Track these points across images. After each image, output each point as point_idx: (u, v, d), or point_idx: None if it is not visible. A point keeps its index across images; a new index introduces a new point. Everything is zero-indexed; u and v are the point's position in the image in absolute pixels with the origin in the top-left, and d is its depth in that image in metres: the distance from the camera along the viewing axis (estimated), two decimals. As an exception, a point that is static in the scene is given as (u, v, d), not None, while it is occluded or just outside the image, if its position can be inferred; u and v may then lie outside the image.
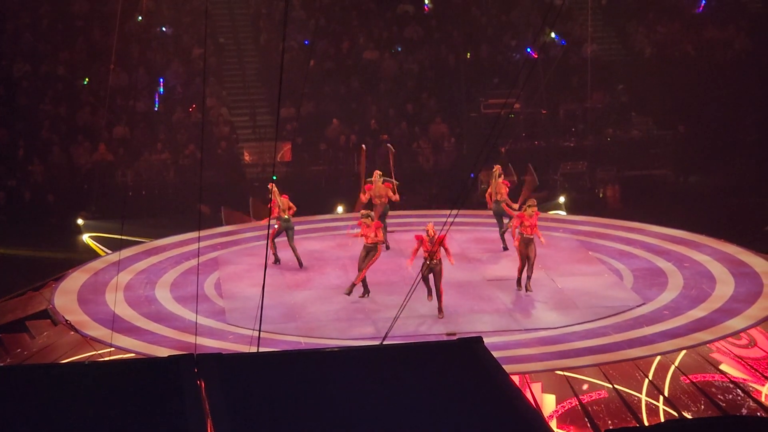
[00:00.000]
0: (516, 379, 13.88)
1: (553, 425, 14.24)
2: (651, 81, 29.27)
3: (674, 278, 18.87)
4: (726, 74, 29.66)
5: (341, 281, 18.52)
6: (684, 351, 15.66)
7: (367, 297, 17.76)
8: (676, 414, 14.33)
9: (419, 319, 16.79)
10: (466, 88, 29.67)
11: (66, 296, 18.31)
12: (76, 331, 16.64)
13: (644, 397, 14.72)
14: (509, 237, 19.54)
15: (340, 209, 23.89)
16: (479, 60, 30.35)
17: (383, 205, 19.96)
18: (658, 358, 15.43)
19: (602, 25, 31.59)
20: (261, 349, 12.83)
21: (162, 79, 28.77)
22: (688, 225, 21.86)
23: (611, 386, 14.78)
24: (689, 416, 14.23)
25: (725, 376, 15.29)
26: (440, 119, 28.93)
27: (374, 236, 17.57)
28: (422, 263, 16.53)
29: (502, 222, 20.16)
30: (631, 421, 14.17)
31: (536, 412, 6.69)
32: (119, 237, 20.34)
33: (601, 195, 27.86)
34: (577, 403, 14.55)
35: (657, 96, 29.00)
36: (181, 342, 15.99)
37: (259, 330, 13.48)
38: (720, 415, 13.75)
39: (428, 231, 17.03)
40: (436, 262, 16.80)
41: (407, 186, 21.10)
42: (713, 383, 15.14)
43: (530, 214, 17.62)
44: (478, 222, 21.78)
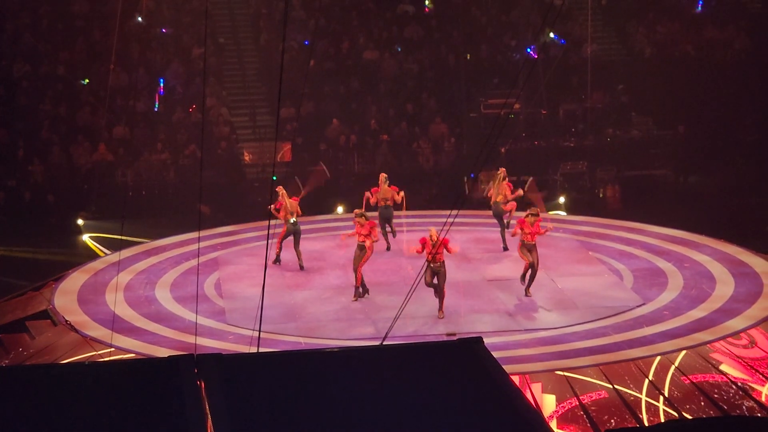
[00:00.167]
0: (516, 380, 13.87)
1: (554, 425, 14.23)
2: (651, 81, 29.26)
3: (674, 278, 18.87)
4: (726, 74, 29.66)
5: (341, 281, 18.52)
6: (684, 351, 15.67)
7: (367, 296, 17.78)
8: (676, 414, 14.33)
9: (419, 320, 16.78)
10: (466, 88, 29.67)
11: (66, 296, 18.31)
12: (76, 332, 16.63)
13: (644, 398, 14.72)
14: (510, 237, 19.55)
15: (341, 209, 23.88)
16: (479, 60, 30.35)
17: (389, 208, 20.05)
18: (658, 359, 15.43)
19: (602, 25, 31.59)
20: (261, 350, 12.83)
21: (162, 80, 28.77)
22: (688, 225, 21.86)
23: (611, 386, 14.78)
24: (689, 416, 14.23)
25: (725, 377, 15.29)
26: (440, 119, 28.92)
27: (367, 235, 17.59)
28: (425, 267, 16.48)
29: (503, 222, 20.16)
30: (631, 422, 14.17)
31: (536, 413, 6.69)
32: (119, 237, 20.35)
33: (601, 195, 27.86)
34: (578, 404, 14.55)
35: (657, 96, 28.99)
36: (181, 342, 15.99)
37: (259, 330, 13.47)
38: (720, 415, 13.75)
39: (431, 236, 17.02)
40: (439, 265, 16.79)
41: (407, 186, 21.03)
42: (713, 383, 15.14)
43: (531, 222, 17.58)
44: (478, 222, 21.78)
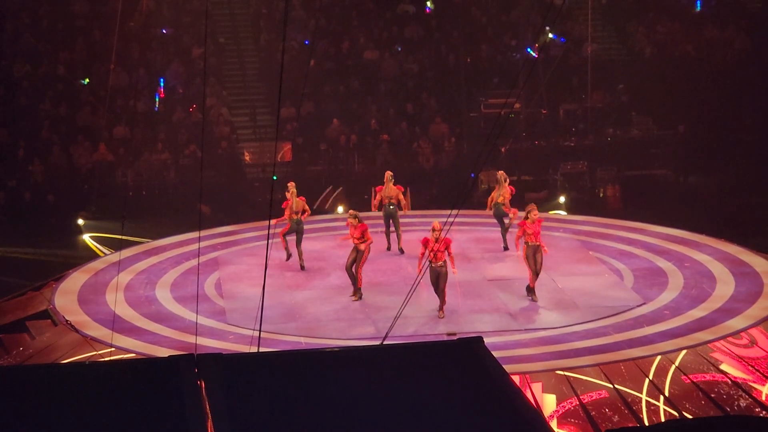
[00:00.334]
0: (516, 379, 13.88)
1: (554, 425, 14.23)
2: (651, 81, 29.27)
3: (674, 278, 18.87)
4: (726, 74, 29.66)
5: (341, 281, 18.51)
6: (684, 351, 15.66)
7: (355, 299, 17.80)
8: (677, 414, 14.33)
9: (419, 319, 16.78)
10: (466, 88, 29.67)
11: (66, 296, 18.31)
12: (77, 332, 16.63)
13: (645, 397, 14.71)
14: (511, 238, 19.54)
15: (341, 209, 23.88)
16: (479, 60, 30.35)
17: (394, 207, 20.09)
18: (659, 358, 15.42)
19: (602, 25, 31.58)
20: (261, 349, 12.83)
21: (162, 79, 28.78)
22: (689, 225, 21.85)
23: (612, 386, 14.78)
24: (689, 416, 14.23)
25: (726, 376, 15.29)
26: (440, 119, 28.92)
27: (361, 237, 17.59)
28: (428, 267, 16.47)
29: (503, 222, 20.16)
30: (632, 421, 14.16)
31: (537, 412, 6.68)
32: (119, 237, 20.35)
33: (602, 195, 27.86)
34: (578, 403, 14.54)
35: (657, 96, 28.99)
36: (182, 342, 15.99)
37: (260, 330, 13.47)
38: (720, 415, 13.75)
39: (434, 227, 17.04)
40: (441, 264, 16.78)
41: (408, 186, 21.05)
42: (714, 383, 15.13)
43: (533, 220, 17.52)
44: (479, 222, 21.78)
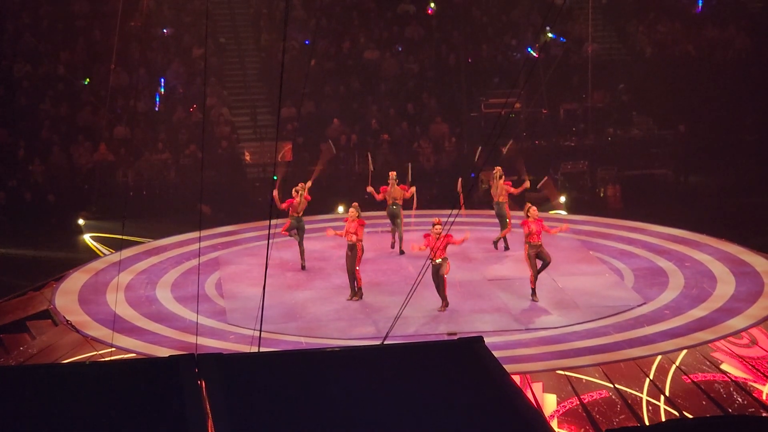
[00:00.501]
0: (517, 379, 13.87)
1: (554, 425, 14.23)
2: (652, 80, 29.27)
3: (675, 278, 18.87)
4: (726, 74, 29.68)
5: (342, 281, 18.51)
6: (685, 350, 15.65)
7: (353, 299, 17.80)
8: (677, 413, 14.33)
9: (420, 319, 16.78)
10: (467, 88, 29.68)
11: (67, 296, 18.31)
12: (77, 331, 16.63)
13: (645, 397, 14.71)
14: (513, 238, 19.59)
15: (341, 209, 23.88)
16: (480, 59, 30.35)
17: (397, 207, 20.12)
18: (659, 358, 15.42)
19: (603, 25, 31.58)
20: (262, 349, 12.83)
21: (163, 79, 28.78)
22: (689, 224, 21.86)
23: (612, 386, 14.78)
24: (690, 416, 14.22)
25: (726, 376, 15.29)
26: (441, 119, 28.93)
27: (355, 234, 17.60)
28: (428, 266, 16.47)
29: (505, 222, 20.16)
30: (632, 421, 14.16)
31: (537, 412, 6.68)
32: (120, 237, 20.35)
33: (602, 194, 27.86)
34: (578, 403, 14.54)
35: (658, 95, 28.99)
36: (182, 342, 15.99)
37: (260, 330, 13.47)
38: (721, 415, 13.75)
39: (435, 224, 17.06)
40: (440, 261, 16.78)
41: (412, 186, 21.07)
42: (714, 383, 15.13)
43: (534, 218, 17.52)
44: (479, 222, 21.78)
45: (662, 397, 14.69)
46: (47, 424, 6.26)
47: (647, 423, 14.13)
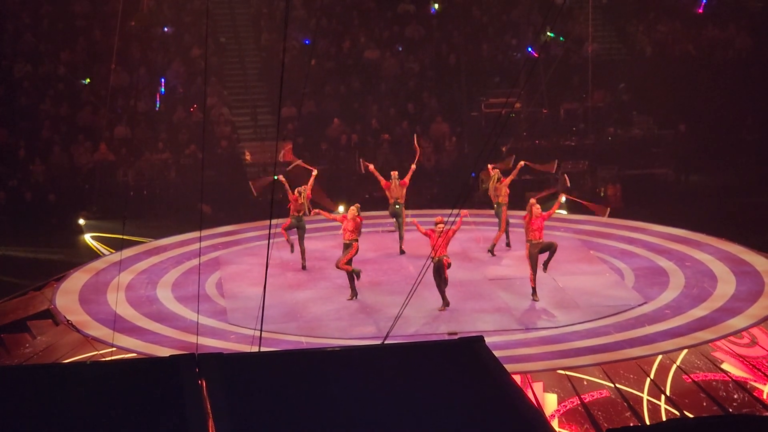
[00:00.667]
0: (517, 379, 13.87)
1: (555, 425, 14.23)
2: (652, 80, 29.26)
3: (675, 277, 18.86)
4: (727, 73, 29.67)
5: (342, 281, 18.49)
6: (685, 350, 15.65)
7: (354, 299, 17.78)
8: (678, 413, 14.33)
9: (420, 319, 16.78)
10: (467, 88, 29.67)
11: (67, 296, 18.31)
12: (78, 331, 16.63)
13: (646, 397, 14.71)
14: (515, 237, 19.61)
15: (341, 208, 23.85)
16: (480, 59, 30.34)
17: (400, 206, 20.12)
18: (660, 358, 15.42)
19: (603, 24, 31.58)
20: (262, 349, 12.83)
21: (163, 79, 28.78)
22: (690, 224, 21.85)
23: (613, 385, 14.77)
24: (691, 415, 14.22)
25: (727, 375, 15.29)
26: (441, 118, 28.92)
27: (353, 231, 17.58)
28: (428, 266, 16.46)
29: (500, 225, 20.18)
30: (633, 420, 14.16)
31: (538, 412, 6.68)
32: (120, 237, 20.36)
33: (603, 194, 27.85)
34: (579, 403, 14.54)
35: (658, 95, 28.98)
36: (183, 342, 15.99)
37: (261, 330, 13.47)
38: (722, 414, 13.74)
39: (437, 222, 17.06)
40: (440, 258, 16.77)
41: (409, 185, 21.04)
42: (715, 382, 15.13)
43: (537, 215, 17.50)
44: (480, 221, 21.77)
45: (663, 397, 14.69)
46: (47, 424, 6.26)
47: (648, 422, 14.13)
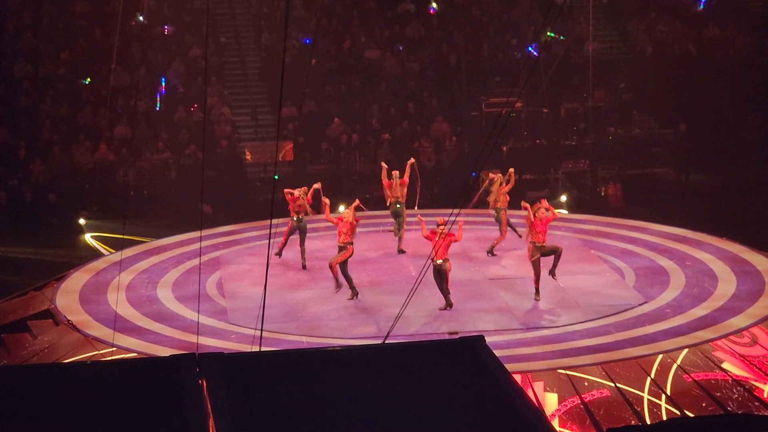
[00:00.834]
0: (518, 378, 13.87)
1: (556, 424, 14.23)
2: (652, 79, 29.27)
3: (676, 277, 18.86)
4: (727, 73, 29.67)
5: (342, 281, 18.49)
6: (686, 349, 15.64)
7: (355, 299, 17.78)
8: (679, 412, 14.33)
9: (421, 319, 16.78)
10: (468, 87, 29.68)
11: (68, 296, 18.31)
12: (78, 331, 16.63)
13: (646, 396, 14.71)
14: (518, 238, 19.66)
15: (342, 208, 23.86)
16: (480, 59, 30.34)
17: (401, 206, 20.13)
18: (660, 357, 15.42)
19: (603, 24, 31.59)
20: (263, 349, 12.83)
21: (163, 79, 28.78)
22: (690, 223, 21.84)
23: (613, 385, 14.77)
24: (691, 414, 14.22)
25: (727, 375, 15.28)
26: (441, 118, 28.92)
27: (346, 235, 17.53)
28: (429, 266, 16.46)
29: (501, 228, 20.16)
30: (634, 420, 14.16)
31: (538, 411, 6.68)
32: (121, 237, 20.35)
33: (603, 194, 27.85)
34: (580, 402, 14.54)
35: (658, 94, 28.99)
36: (183, 341, 15.99)
37: (261, 329, 13.48)
38: (722, 414, 13.74)
39: (439, 223, 17.05)
40: (441, 262, 16.76)
41: (408, 185, 21.04)
42: (715, 381, 15.12)
43: (541, 218, 17.49)
44: (480, 221, 21.77)
45: (663, 396, 14.68)
46: (48, 424, 6.25)
47: (648, 422, 14.13)
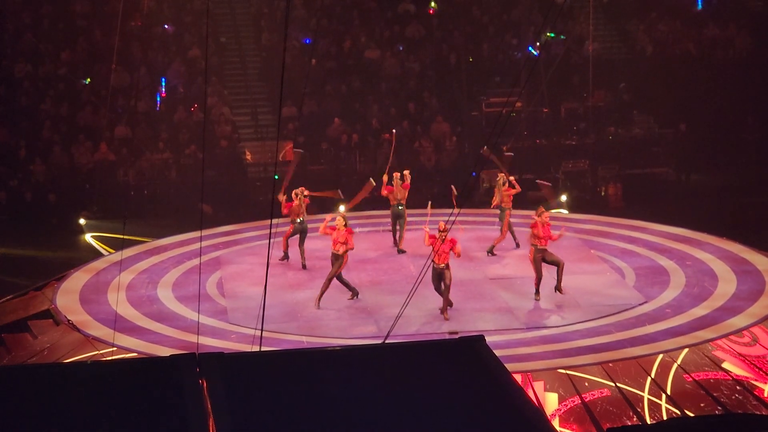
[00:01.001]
0: (518, 378, 13.87)
1: (556, 424, 14.23)
2: (653, 79, 29.29)
3: (676, 276, 18.86)
4: (727, 72, 29.69)
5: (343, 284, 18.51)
6: (686, 349, 15.64)
7: (356, 298, 17.76)
8: (679, 412, 14.32)
9: (421, 318, 16.78)
10: (468, 87, 29.68)
11: (68, 296, 18.31)
12: (78, 331, 16.63)
13: (647, 396, 14.70)
14: (520, 238, 19.64)
15: (342, 208, 23.85)
16: (480, 59, 30.35)
17: (402, 208, 20.13)
18: (661, 357, 15.42)
19: (603, 24, 31.61)
20: (263, 349, 12.83)
21: (164, 79, 28.79)
22: (690, 223, 21.85)
23: (614, 384, 14.77)
24: (691, 414, 14.22)
25: (727, 374, 15.28)
26: (442, 118, 28.93)
27: (344, 243, 17.39)
28: (430, 268, 16.44)
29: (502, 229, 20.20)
30: (634, 419, 14.16)
31: (539, 411, 6.68)
32: (121, 237, 20.36)
33: (603, 193, 27.86)
34: (580, 402, 14.54)
35: (659, 94, 29.01)
36: (183, 341, 15.99)
37: (261, 329, 13.47)
38: (722, 413, 13.74)
39: (439, 228, 17.01)
40: (443, 267, 16.72)
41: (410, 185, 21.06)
42: (715, 381, 15.12)
43: (543, 222, 17.49)
44: (480, 221, 21.78)
45: (664, 396, 14.68)
46: (48, 424, 6.26)
47: (649, 421, 14.13)
